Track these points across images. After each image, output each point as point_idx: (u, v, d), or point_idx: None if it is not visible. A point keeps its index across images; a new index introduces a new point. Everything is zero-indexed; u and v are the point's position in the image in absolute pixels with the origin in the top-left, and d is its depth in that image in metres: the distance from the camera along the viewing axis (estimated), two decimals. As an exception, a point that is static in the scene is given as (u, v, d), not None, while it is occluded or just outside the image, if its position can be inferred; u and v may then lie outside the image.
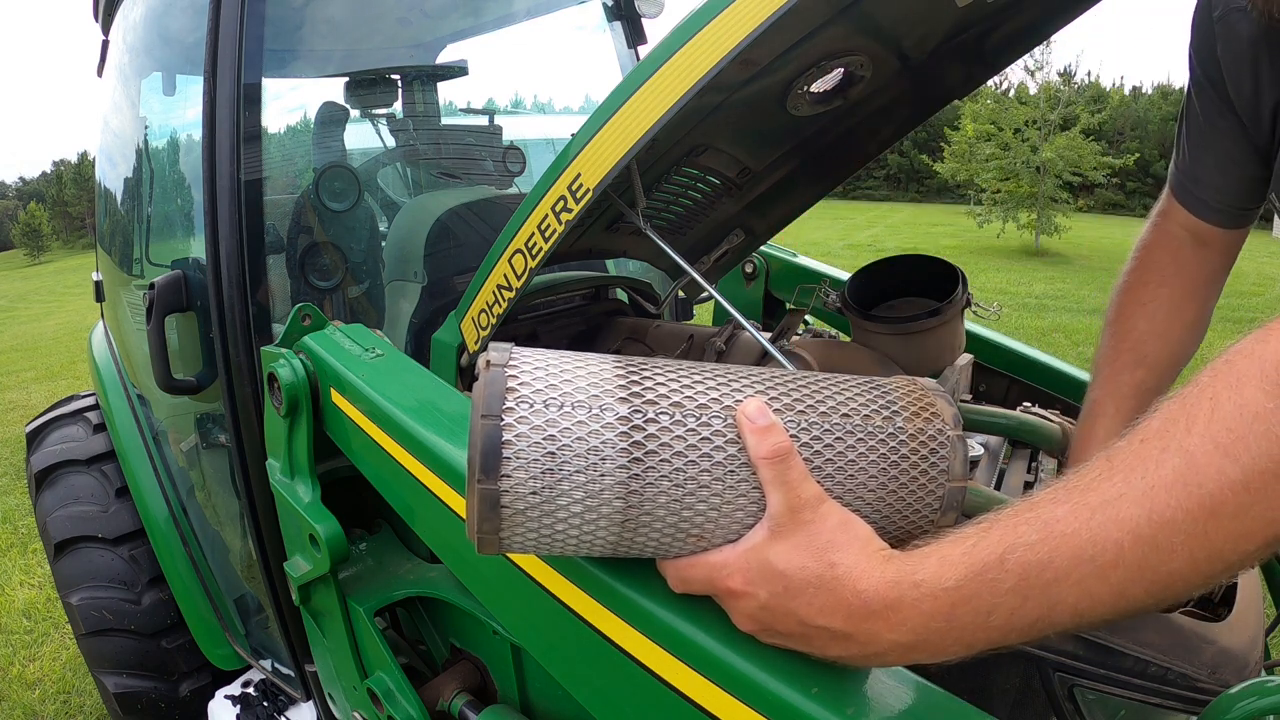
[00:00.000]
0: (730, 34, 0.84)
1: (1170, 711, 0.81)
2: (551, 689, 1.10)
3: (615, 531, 0.58)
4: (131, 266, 2.17)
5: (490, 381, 0.56)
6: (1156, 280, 1.04)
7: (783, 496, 0.56)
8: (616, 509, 0.57)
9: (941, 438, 0.63)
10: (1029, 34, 1.16)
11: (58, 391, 7.06)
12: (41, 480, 2.14)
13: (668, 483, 0.56)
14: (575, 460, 0.55)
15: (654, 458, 0.56)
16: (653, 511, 0.57)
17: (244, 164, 1.37)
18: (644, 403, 0.57)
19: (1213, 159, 0.97)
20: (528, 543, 0.59)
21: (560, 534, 0.58)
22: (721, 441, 0.57)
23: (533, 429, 0.55)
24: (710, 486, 0.57)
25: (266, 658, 1.89)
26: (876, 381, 0.67)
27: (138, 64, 2.00)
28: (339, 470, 1.27)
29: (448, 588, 1.24)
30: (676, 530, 0.58)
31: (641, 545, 0.60)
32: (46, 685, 2.81)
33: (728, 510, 0.58)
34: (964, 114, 16.83)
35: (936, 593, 0.49)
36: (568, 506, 0.56)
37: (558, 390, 0.57)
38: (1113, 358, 1.04)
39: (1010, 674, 0.86)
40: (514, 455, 0.55)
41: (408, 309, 1.80)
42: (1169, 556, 0.43)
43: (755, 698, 0.61)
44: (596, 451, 0.55)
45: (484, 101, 2.29)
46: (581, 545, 0.59)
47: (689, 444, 0.57)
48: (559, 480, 0.55)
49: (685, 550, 0.60)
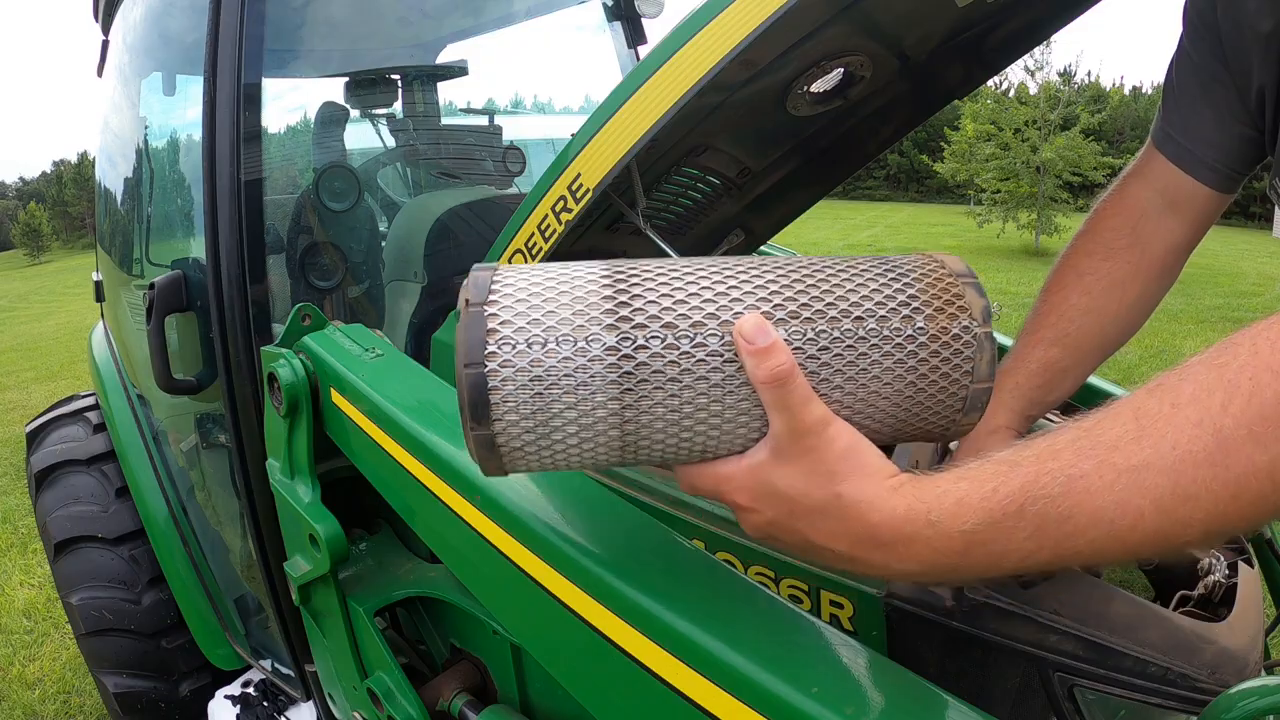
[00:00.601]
0: (730, 34, 0.84)
1: (1170, 711, 0.81)
2: (551, 689, 1.10)
3: (616, 452, 0.57)
4: (131, 266, 2.17)
5: (470, 326, 0.53)
6: (1103, 252, 0.95)
7: (784, 420, 0.53)
8: (613, 437, 0.55)
9: (968, 336, 0.57)
10: (1029, 34, 1.16)
11: (58, 391, 7.06)
12: (41, 480, 2.14)
13: (663, 409, 0.54)
14: (565, 397, 0.53)
15: (646, 386, 0.54)
16: (650, 435, 0.56)
17: (244, 164, 1.37)
18: (633, 327, 0.54)
19: (1211, 112, 0.88)
20: (531, 467, 0.58)
21: (562, 456, 0.57)
22: (719, 362, 0.54)
23: (518, 371, 0.53)
24: (709, 408, 0.55)
25: (266, 658, 1.89)
26: (894, 265, 0.60)
27: (138, 64, 2.00)
28: (339, 470, 1.27)
29: (448, 588, 1.24)
30: (679, 447, 0.56)
31: (645, 460, 0.58)
32: (46, 685, 2.81)
33: (729, 429, 0.56)
34: (964, 114, 16.84)
35: (951, 534, 0.49)
36: (564, 439, 0.55)
37: (541, 325, 0.54)
38: (1032, 329, 0.96)
39: (1010, 674, 0.86)
40: (501, 400, 0.53)
41: (408, 309, 1.80)
42: (1185, 529, 0.44)
43: (755, 698, 0.61)
44: (586, 385, 0.53)
45: (484, 101, 2.29)
46: (585, 463, 0.58)
47: (683, 368, 0.54)
48: (551, 417, 0.54)
49: (691, 461, 0.58)
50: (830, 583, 0.91)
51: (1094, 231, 0.97)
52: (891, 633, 0.88)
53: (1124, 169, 1.00)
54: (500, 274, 0.57)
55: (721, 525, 0.99)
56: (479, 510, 0.88)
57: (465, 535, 0.90)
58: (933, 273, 0.59)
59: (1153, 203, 0.94)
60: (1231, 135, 0.88)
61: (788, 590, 0.94)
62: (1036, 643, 0.83)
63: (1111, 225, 0.95)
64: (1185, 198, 0.92)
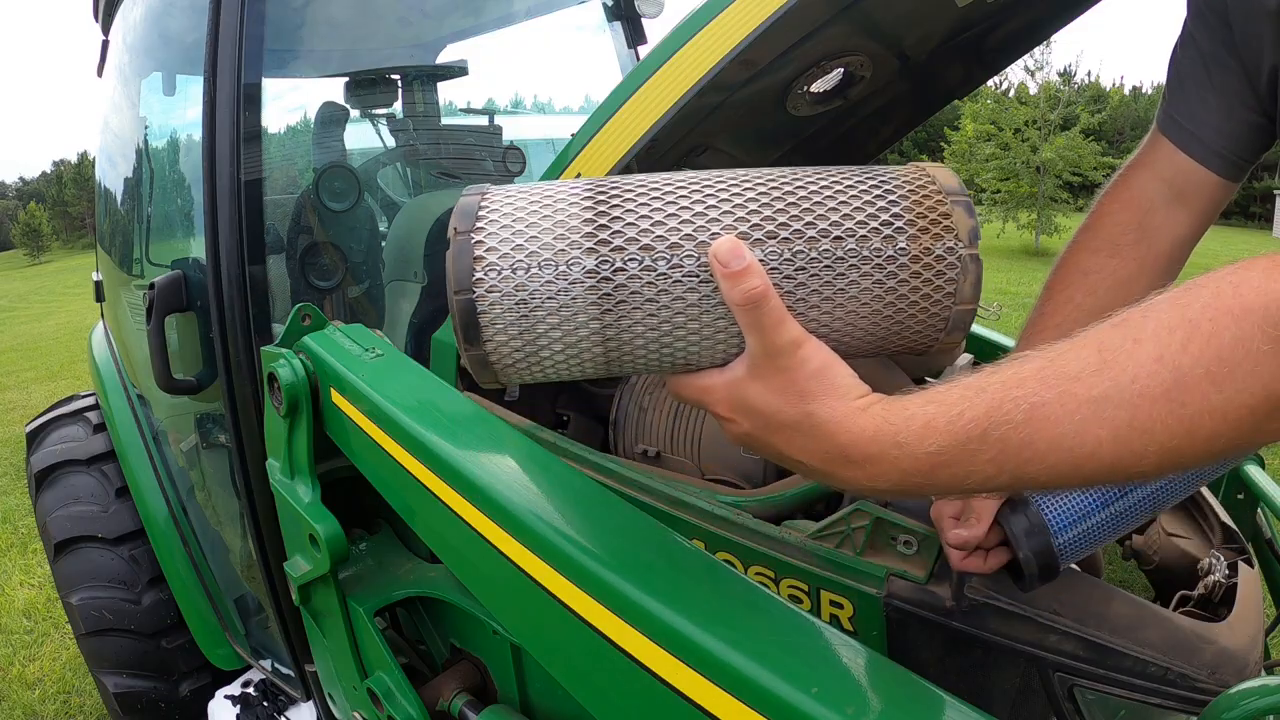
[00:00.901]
0: (730, 34, 0.84)
1: (1170, 711, 0.81)
2: (551, 689, 1.10)
3: (601, 365, 0.60)
4: (131, 266, 2.17)
5: (458, 255, 0.56)
6: (1109, 249, 0.92)
7: (758, 340, 0.55)
8: (597, 353, 0.58)
9: (952, 258, 0.56)
10: (1029, 34, 1.16)
11: (58, 391, 7.06)
12: (41, 480, 2.14)
13: (642, 327, 0.56)
14: (549, 318, 0.56)
15: (625, 306, 0.56)
16: (633, 350, 0.58)
17: (244, 164, 1.37)
18: (612, 250, 0.55)
19: (1215, 98, 0.86)
20: (524, 379, 0.61)
21: (551, 369, 0.60)
22: (695, 283, 0.55)
23: (504, 295, 0.56)
24: (686, 326, 0.56)
25: (266, 658, 1.89)
26: (881, 181, 0.59)
27: (138, 64, 2.00)
28: (339, 470, 1.27)
29: (448, 588, 1.24)
30: (660, 361, 0.59)
31: (630, 370, 0.61)
32: (46, 685, 2.81)
33: (708, 345, 0.57)
34: (964, 114, 16.84)
35: (917, 455, 0.50)
36: (551, 355, 0.58)
37: (525, 250, 0.56)
38: (1034, 329, 0.93)
39: (1010, 674, 0.86)
40: (490, 323, 0.56)
41: (408, 309, 1.80)
42: (1140, 460, 0.46)
43: (755, 698, 0.61)
44: (568, 307, 0.56)
45: (484, 101, 2.29)
46: (574, 374, 0.61)
47: (661, 289, 0.55)
48: (537, 336, 0.57)
49: (676, 371, 0.61)
50: (830, 583, 0.91)
51: (1098, 227, 0.94)
52: (891, 633, 0.88)
53: (1125, 162, 0.98)
54: (487, 199, 0.59)
55: (721, 525, 0.99)
56: (479, 510, 0.88)
57: (465, 535, 0.90)
58: (921, 189, 0.58)
59: (1159, 193, 0.92)
60: (1239, 121, 0.86)
61: (788, 590, 0.94)
62: (1036, 643, 0.83)
63: (1118, 220, 0.93)
64: (1193, 186, 0.90)
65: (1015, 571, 0.80)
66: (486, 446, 0.99)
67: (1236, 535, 1.08)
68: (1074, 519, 0.78)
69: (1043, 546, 0.77)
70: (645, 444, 1.25)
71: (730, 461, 1.18)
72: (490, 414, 1.09)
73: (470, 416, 1.06)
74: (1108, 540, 0.81)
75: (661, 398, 1.26)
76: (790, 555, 0.93)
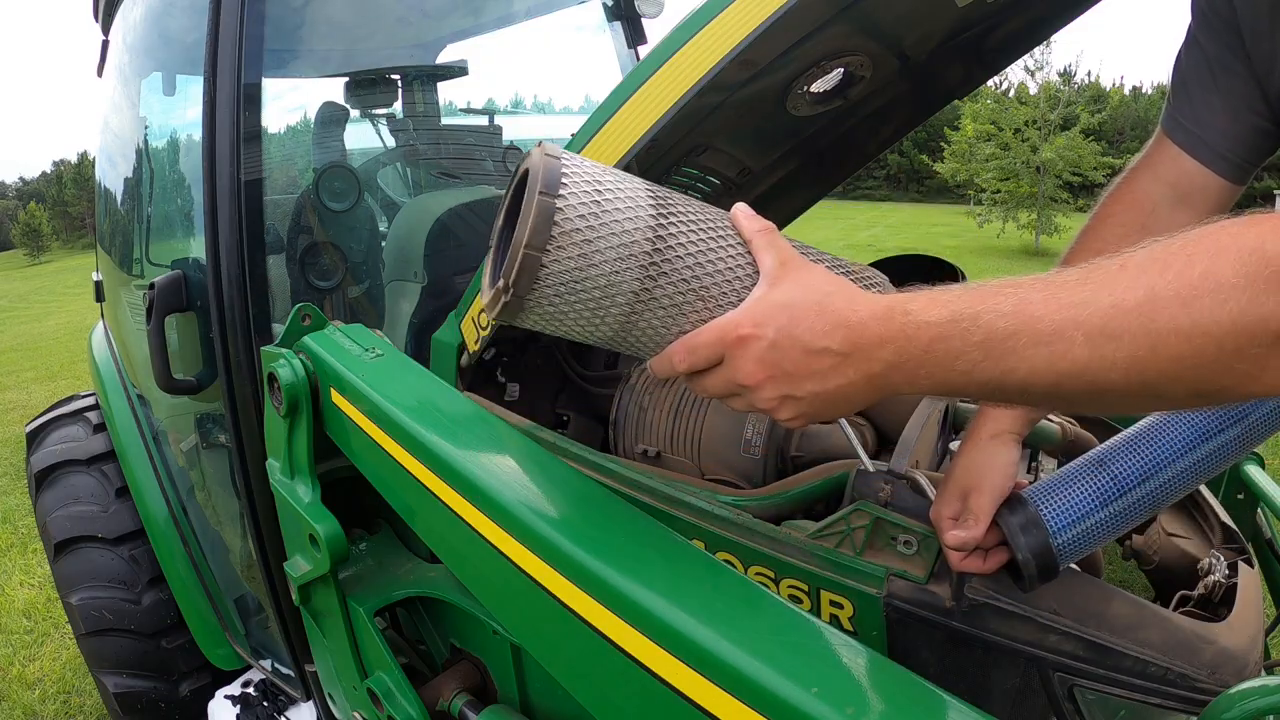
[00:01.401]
0: (730, 34, 0.84)
1: (1170, 711, 0.81)
2: (551, 689, 1.10)
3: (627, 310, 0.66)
4: (131, 266, 2.17)
5: (549, 168, 0.63)
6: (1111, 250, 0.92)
7: (774, 255, 0.65)
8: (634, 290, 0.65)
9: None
10: (1029, 34, 1.16)
11: (58, 391, 7.06)
12: (41, 480, 2.14)
13: (681, 263, 0.65)
14: (609, 238, 0.63)
15: (673, 239, 0.65)
16: (667, 285, 0.65)
17: (244, 164, 1.37)
18: (668, 202, 0.68)
19: (1221, 101, 0.87)
20: (545, 313, 0.66)
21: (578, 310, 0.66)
22: (726, 233, 0.68)
23: (578, 216, 0.63)
24: (715, 264, 0.66)
25: (266, 658, 1.89)
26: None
27: (138, 64, 2.00)
28: (339, 470, 1.27)
29: (448, 588, 1.24)
30: (685, 301, 0.66)
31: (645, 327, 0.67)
32: (46, 685, 2.81)
33: (730, 289, 0.66)
34: (964, 114, 16.85)
35: (921, 324, 0.56)
36: (592, 288, 0.64)
37: (602, 184, 0.65)
38: None
39: (1010, 674, 0.86)
40: (559, 234, 0.62)
41: (408, 309, 1.80)
42: (1108, 369, 0.50)
43: (755, 698, 0.61)
44: (628, 234, 0.64)
45: (484, 101, 2.30)
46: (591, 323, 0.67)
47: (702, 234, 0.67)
48: (592, 264, 0.63)
49: (689, 328, 0.67)
50: (830, 583, 0.91)
51: (1101, 229, 0.94)
52: (891, 633, 0.88)
53: (1128, 165, 0.97)
54: (568, 166, 0.66)
55: (721, 525, 0.99)
56: (479, 510, 0.88)
57: (465, 535, 0.90)
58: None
59: (1164, 196, 0.92)
60: (1244, 125, 0.87)
61: (788, 590, 0.94)
62: (1036, 643, 0.83)
63: (1120, 221, 0.93)
64: (1197, 189, 0.90)
65: (1015, 571, 0.80)
66: (486, 446, 0.99)
67: (1236, 535, 1.08)
68: (1073, 519, 0.78)
69: (1042, 546, 0.77)
70: (645, 444, 1.25)
71: (730, 461, 1.18)
72: (490, 414, 1.09)
73: (470, 416, 1.06)
74: (1107, 540, 0.81)
75: (661, 397, 1.26)
76: (790, 555, 0.93)
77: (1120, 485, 0.79)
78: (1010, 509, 0.80)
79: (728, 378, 0.64)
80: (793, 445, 1.19)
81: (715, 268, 0.67)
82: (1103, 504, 0.79)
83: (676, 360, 0.66)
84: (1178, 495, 0.81)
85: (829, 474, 1.02)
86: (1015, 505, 0.80)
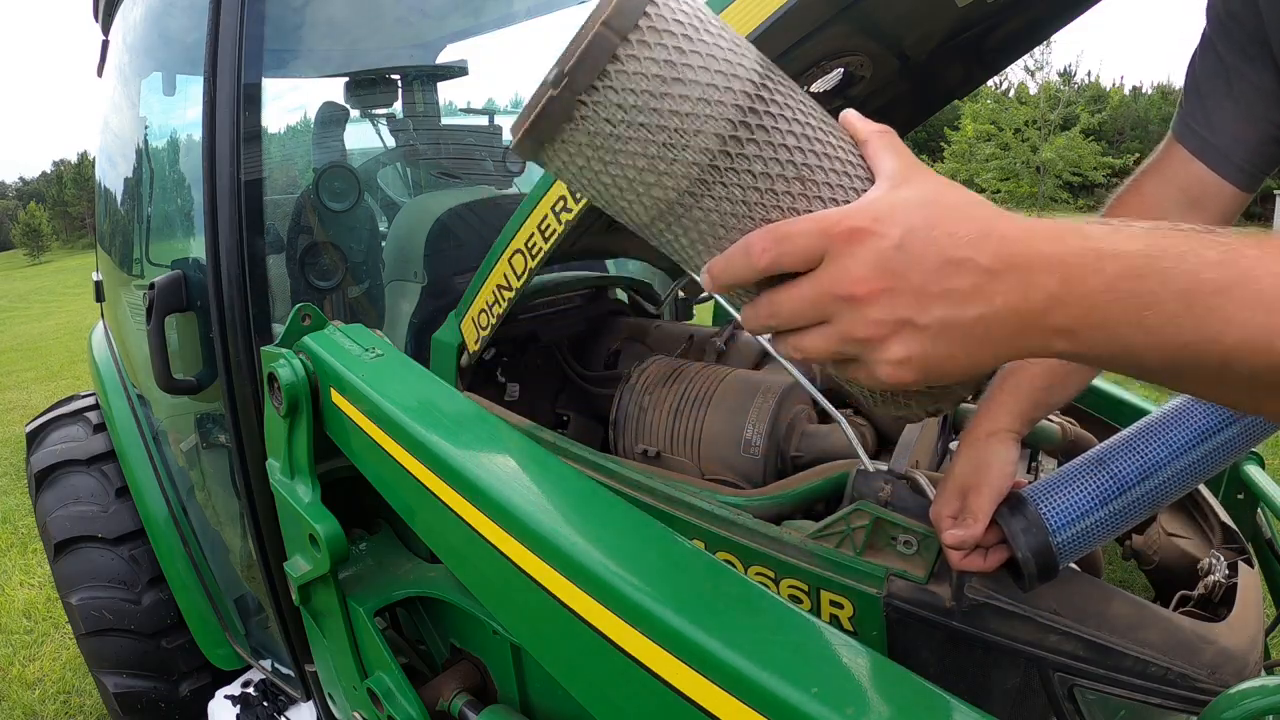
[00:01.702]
0: (730, 34, 0.84)
1: (1170, 711, 0.81)
2: (551, 689, 1.10)
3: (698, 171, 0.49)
4: (131, 266, 2.17)
5: (592, 49, 0.47)
6: None
7: (896, 157, 0.50)
8: (715, 145, 0.48)
9: None
10: (1029, 34, 1.16)
11: (58, 391, 7.06)
12: (41, 480, 2.14)
13: (786, 126, 0.49)
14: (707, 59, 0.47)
15: (780, 94, 0.50)
16: (765, 147, 0.49)
17: (244, 164, 1.37)
18: (773, 67, 0.51)
19: (1233, 107, 0.86)
20: (592, 143, 0.49)
21: (634, 150, 0.49)
22: (837, 126, 0.53)
23: (675, 20, 0.47)
24: (824, 146, 0.50)
25: (266, 658, 1.89)
26: None
27: (138, 64, 2.00)
28: (339, 470, 1.27)
29: (448, 588, 1.24)
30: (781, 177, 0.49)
31: (713, 205, 0.50)
32: (46, 685, 2.82)
33: (840, 180, 0.50)
34: (964, 114, 16.86)
35: (1105, 252, 0.42)
36: (666, 122, 0.48)
37: (706, 12, 0.50)
38: None
39: (1010, 674, 0.86)
40: (648, 27, 0.46)
41: (408, 309, 1.80)
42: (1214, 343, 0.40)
43: (755, 698, 0.61)
44: (730, 65, 0.48)
45: (484, 101, 2.30)
46: (644, 179, 0.50)
47: (810, 109, 0.51)
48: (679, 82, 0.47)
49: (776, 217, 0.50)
50: (830, 583, 0.91)
51: None
52: (891, 633, 0.88)
53: (1138, 168, 0.97)
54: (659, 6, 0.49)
55: (721, 525, 0.99)
56: (479, 510, 0.88)
57: (465, 535, 0.90)
58: None
59: (1173, 201, 0.91)
60: (1257, 133, 0.86)
61: (788, 590, 0.94)
62: (1036, 643, 0.83)
63: None
64: (1208, 195, 0.89)
65: (1014, 571, 0.80)
66: (486, 446, 0.99)
67: (1236, 535, 1.08)
68: (1072, 517, 0.78)
69: (1041, 545, 0.77)
70: (645, 444, 1.25)
71: (730, 461, 1.18)
72: (490, 414, 1.09)
73: (470, 416, 1.06)
74: (1107, 539, 0.81)
75: (662, 397, 1.26)
76: (790, 555, 0.93)
77: (1120, 484, 0.79)
78: (1009, 508, 0.80)
79: (824, 288, 0.47)
80: (792, 445, 1.19)
81: (824, 150, 0.50)
82: (1102, 503, 0.79)
83: (756, 252, 0.48)
84: (1177, 494, 0.81)
85: (829, 474, 1.02)
86: (1014, 504, 0.80)
